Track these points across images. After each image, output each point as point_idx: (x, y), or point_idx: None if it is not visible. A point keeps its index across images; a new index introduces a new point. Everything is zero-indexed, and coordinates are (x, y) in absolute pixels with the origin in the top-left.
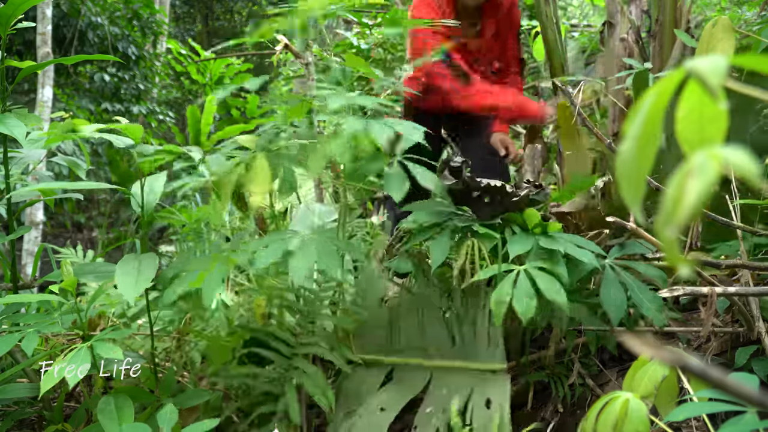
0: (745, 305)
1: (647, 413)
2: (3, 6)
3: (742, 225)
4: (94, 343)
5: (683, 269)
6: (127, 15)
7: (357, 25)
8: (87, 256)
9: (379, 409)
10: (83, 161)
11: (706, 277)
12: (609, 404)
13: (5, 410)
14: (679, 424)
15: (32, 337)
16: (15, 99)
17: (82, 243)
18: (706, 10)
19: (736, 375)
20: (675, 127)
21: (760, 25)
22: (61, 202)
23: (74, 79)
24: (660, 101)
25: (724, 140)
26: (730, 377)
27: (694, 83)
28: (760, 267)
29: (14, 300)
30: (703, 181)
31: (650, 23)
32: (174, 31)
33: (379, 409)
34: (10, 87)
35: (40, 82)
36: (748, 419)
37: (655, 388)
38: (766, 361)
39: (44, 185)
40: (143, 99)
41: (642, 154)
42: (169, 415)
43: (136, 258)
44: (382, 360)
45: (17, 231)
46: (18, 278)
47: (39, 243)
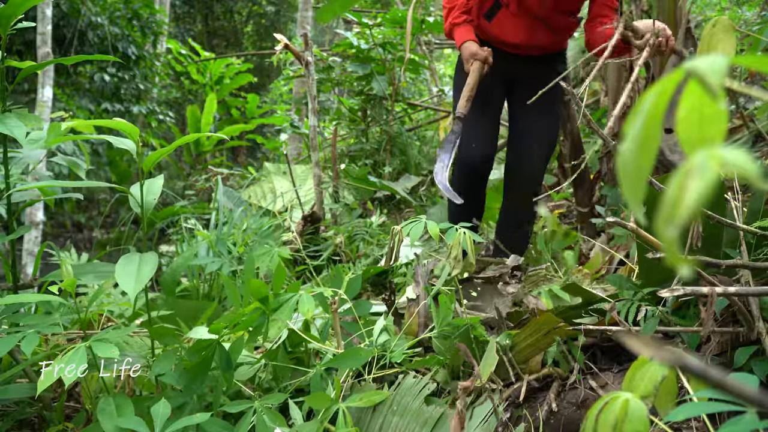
0: (745, 305)
1: (647, 413)
2: (3, 6)
3: (744, 226)
4: (93, 343)
5: (683, 269)
6: (127, 15)
7: (357, 25)
8: (82, 258)
9: None
10: (83, 161)
11: (706, 277)
12: (609, 404)
13: (5, 410)
14: (679, 424)
15: (32, 338)
16: (15, 99)
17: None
18: (706, 10)
19: (736, 375)
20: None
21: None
22: (61, 202)
23: (74, 79)
24: (660, 101)
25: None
26: (730, 377)
27: (695, 83)
28: (761, 267)
29: (14, 300)
30: (704, 181)
31: None
32: (174, 31)
33: None
34: (10, 87)
35: (40, 82)
36: (748, 419)
37: (655, 388)
38: (766, 361)
39: (44, 185)
40: (143, 99)
41: (642, 154)
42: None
43: (136, 257)
44: None
45: (17, 231)
46: (18, 278)
47: (39, 243)
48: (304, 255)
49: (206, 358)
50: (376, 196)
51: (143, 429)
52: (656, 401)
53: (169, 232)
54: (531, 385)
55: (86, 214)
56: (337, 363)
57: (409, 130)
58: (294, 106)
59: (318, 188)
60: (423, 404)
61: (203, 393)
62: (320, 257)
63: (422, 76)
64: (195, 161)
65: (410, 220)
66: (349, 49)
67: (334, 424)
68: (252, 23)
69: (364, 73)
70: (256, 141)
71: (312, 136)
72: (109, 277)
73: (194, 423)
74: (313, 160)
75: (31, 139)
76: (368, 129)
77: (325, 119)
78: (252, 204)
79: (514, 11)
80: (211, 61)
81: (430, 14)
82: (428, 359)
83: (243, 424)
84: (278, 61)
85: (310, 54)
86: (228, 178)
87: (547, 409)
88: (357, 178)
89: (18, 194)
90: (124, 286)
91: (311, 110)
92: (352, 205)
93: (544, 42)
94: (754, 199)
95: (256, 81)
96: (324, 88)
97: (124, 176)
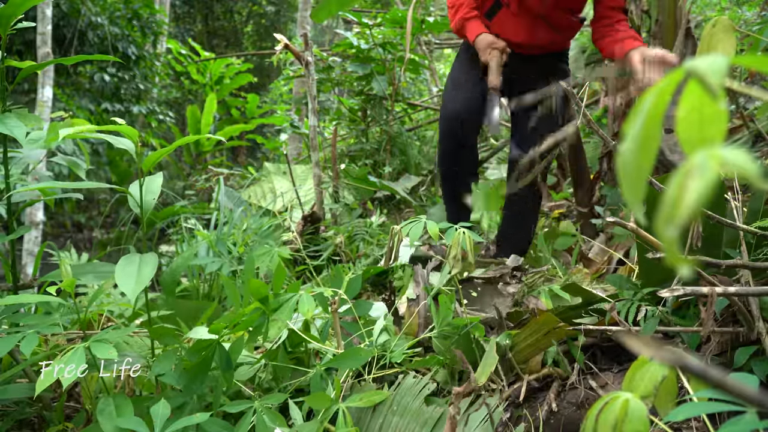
0: (745, 305)
1: (647, 413)
2: (3, 6)
3: (745, 226)
4: (92, 343)
5: (683, 269)
6: (127, 15)
7: (357, 25)
8: (82, 258)
9: None
10: (83, 161)
11: (706, 277)
12: (609, 404)
13: (5, 410)
14: (679, 424)
15: (32, 338)
16: (15, 99)
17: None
18: (706, 10)
19: (736, 375)
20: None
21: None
22: (61, 202)
23: (74, 79)
24: (660, 101)
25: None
26: (730, 377)
27: (695, 83)
28: (761, 267)
29: (14, 300)
30: (704, 181)
31: (650, 23)
32: (174, 31)
33: None
34: (10, 87)
35: (40, 82)
36: (748, 419)
37: (655, 388)
38: (766, 361)
39: (44, 185)
40: (143, 99)
41: (642, 154)
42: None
43: (136, 258)
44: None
45: (17, 231)
46: (18, 278)
47: (39, 243)
48: (304, 255)
49: (206, 358)
50: (376, 196)
51: (143, 429)
52: (656, 401)
53: (169, 232)
54: (531, 385)
55: (86, 214)
56: (337, 363)
57: (409, 130)
58: (294, 106)
59: (318, 188)
60: (423, 404)
61: (203, 393)
62: (320, 257)
63: (422, 76)
64: (195, 161)
65: (410, 220)
66: (349, 49)
67: (334, 424)
68: (252, 23)
69: (364, 73)
70: (256, 141)
71: (312, 136)
72: (109, 277)
73: (194, 423)
74: (313, 160)
75: (31, 139)
76: (368, 129)
77: (325, 119)
78: (252, 204)
79: (514, 11)
80: (211, 61)
81: (430, 14)
82: (428, 359)
83: (243, 424)
84: (278, 61)
85: (310, 54)
86: (228, 178)
87: (547, 409)
88: (357, 178)
89: (18, 194)
90: (123, 287)
91: (311, 110)
92: (352, 205)
93: (546, 41)
94: (754, 199)
95: (256, 81)
96: (324, 88)
97: (124, 176)
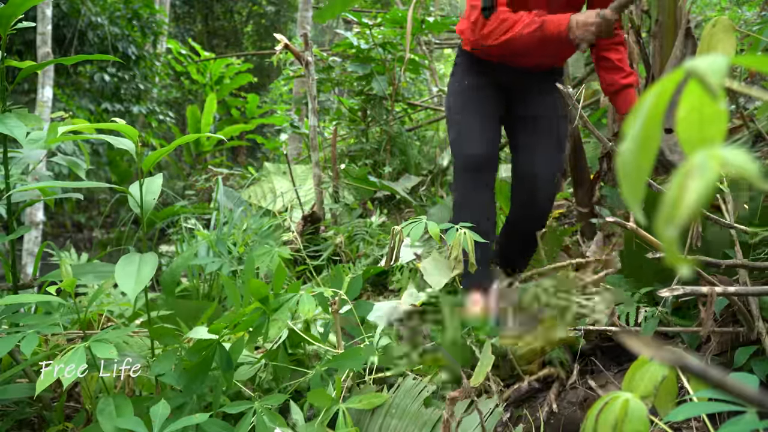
0: (745, 305)
1: (647, 413)
2: (3, 6)
3: (739, 226)
4: (92, 343)
5: (683, 269)
6: (127, 15)
7: (357, 25)
8: (82, 258)
9: None
10: (83, 161)
11: (706, 277)
12: (609, 404)
13: (5, 410)
14: (679, 424)
15: (32, 338)
16: (15, 99)
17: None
18: (706, 10)
19: (736, 375)
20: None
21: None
22: (61, 202)
23: (74, 79)
24: (660, 101)
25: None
26: (730, 377)
27: (695, 83)
28: (760, 267)
29: (14, 300)
30: (704, 181)
31: (650, 23)
32: (174, 31)
33: None
34: (10, 87)
35: (40, 82)
36: (748, 419)
37: (655, 388)
38: (766, 361)
39: (44, 185)
40: (143, 99)
41: (642, 154)
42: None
43: (136, 257)
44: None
45: (17, 231)
46: (18, 278)
47: (39, 243)
48: (304, 255)
49: (206, 358)
50: (376, 196)
51: (142, 429)
52: (656, 401)
53: (169, 232)
54: (531, 385)
55: (86, 214)
56: (337, 363)
57: (409, 130)
58: (294, 106)
59: (318, 188)
60: (422, 406)
61: (203, 393)
62: (320, 257)
63: (422, 76)
64: (195, 161)
65: (410, 220)
66: (349, 49)
67: (334, 426)
68: (252, 23)
69: (364, 73)
70: (256, 141)
71: (312, 136)
72: (109, 277)
73: (194, 423)
74: (313, 160)
75: (31, 139)
76: (368, 129)
77: (325, 119)
78: (252, 204)
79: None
80: (211, 61)
81: (430, 14)
82: (427, 361)
83: (243, 425)
84: (278, 61)
85: (310, 54)
86: (228, 178)
87: (547, 409)
88: (357, 178)
89: (18, 194)
90: (123, 286)
91: (311, 110)
92: (352, 205)
93: (548, 58)
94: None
95: (256, 81)
96: (324, 88)
97: (124, 176)
